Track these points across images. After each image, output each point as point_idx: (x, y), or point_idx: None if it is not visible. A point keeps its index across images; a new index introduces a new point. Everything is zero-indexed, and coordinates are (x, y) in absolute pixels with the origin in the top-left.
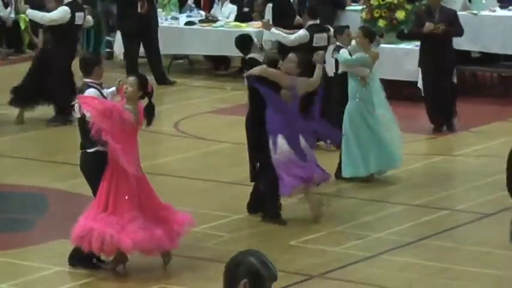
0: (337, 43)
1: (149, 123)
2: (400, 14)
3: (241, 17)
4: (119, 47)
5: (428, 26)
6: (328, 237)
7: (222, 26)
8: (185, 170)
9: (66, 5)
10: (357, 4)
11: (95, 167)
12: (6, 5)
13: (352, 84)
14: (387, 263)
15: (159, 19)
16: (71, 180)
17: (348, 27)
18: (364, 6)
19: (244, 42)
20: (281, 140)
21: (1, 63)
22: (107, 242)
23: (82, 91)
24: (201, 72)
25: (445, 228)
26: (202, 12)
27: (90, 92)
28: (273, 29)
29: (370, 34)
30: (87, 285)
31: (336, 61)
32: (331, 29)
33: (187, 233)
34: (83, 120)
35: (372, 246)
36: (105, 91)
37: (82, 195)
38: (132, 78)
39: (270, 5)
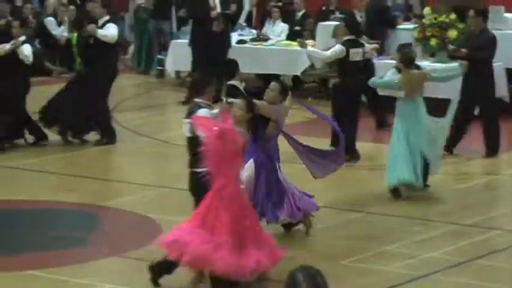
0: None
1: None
2: (452, 33)
3: (292, 36)
4: (171, 65)
5: (451, 49)
6: (378, 257)
7: (273, 44)
8: None
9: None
10: (408, 23)
11: (203, 186)
12: (59, 24)
13: (397, 102)
14: (440, 283)
15: None
16: (121, 198)
17: (406, 45)
18: (417, 25)
19: (231, 66)
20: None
21: (54, 81)
22: (198, 258)
23: (193, 111)
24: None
25: (498, 248)
26: (254, 31)
27: (203, 112)
28: (309, 47)
29: (404, 59)
30: None
31: None
32: (366, 45)
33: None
34: (194, 140)
35: (424, 266)
36: (213, 112)
37: (133, 212)
38: (240, 101)
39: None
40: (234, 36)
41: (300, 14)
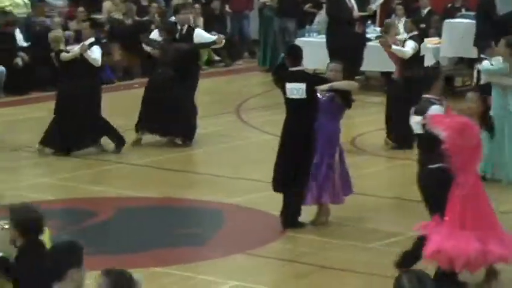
0: (481, 55)
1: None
2: None
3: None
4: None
5: None
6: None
7: None
8: (365, 187)
9: None
10: None
11: (438, 183)
12: None
13: (493, 94)
14: None
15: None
16: (246, 196)
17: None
18: None
19: (297, 52)
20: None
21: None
22: (472, 258)
23: (424, 108)
24: (376, 89)
25: None
26: (378, 29)
27: (436, 109)
28: (393, 46)
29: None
30: None
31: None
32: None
33: None
34: (429, 138)
35: None
36: (443, 107)
37: (258, 210)
38: (473, 94)
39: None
40: None
41: (425, 11)
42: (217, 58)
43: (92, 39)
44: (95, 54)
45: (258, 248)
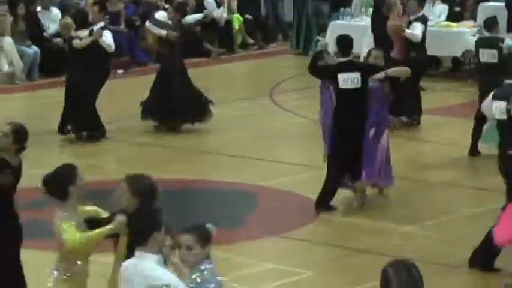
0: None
1: None
2: None
3: (452, 17)
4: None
5: None
6: None
7: (433, 25)
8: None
9: None
10: None
11: None
12: (219, 5)
13: None
14: None
15: (368, 18)
16: (279, 178)
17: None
18: None
19: (348, 42)
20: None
21: (214, 63)
22: None
23: (507, 94)
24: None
25: None
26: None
27: None
28: (407, 30)
29: None
30: (300, 282)
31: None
32: None
33: None
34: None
35: None
36: None
37: (292, 193)
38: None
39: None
40: None
41: None
42: (251, 41)
43: (102, 24)
44: (108, 39)
45: (291, 231)
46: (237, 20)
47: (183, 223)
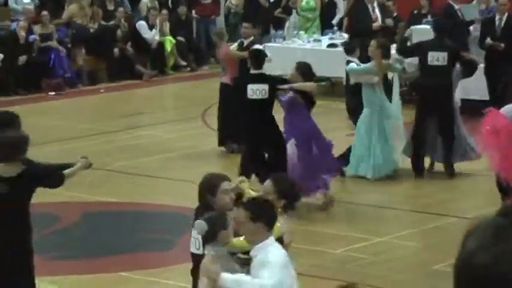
0: (347, 58)
1: None
2: None
3: None
4: None
5: None
6: None
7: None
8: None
9: None
10: None
11: None
12: (151, 27)
13: (364, 93)
14: None
15: (300, 41)
16: None
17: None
18: None
19: (260, 55)
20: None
21: (145, 85)
22: None
23: None
24: (342, 95)
25: None
26: (345, 35)
27: None
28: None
29: (383, 47)
30: None
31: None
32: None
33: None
34: None
35: None
36: None
37: None
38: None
39: None
40: (324, 40)
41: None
42: (183, 63)
43: None
44: None
45: None
46: (169, 42)
47: (114, 247)
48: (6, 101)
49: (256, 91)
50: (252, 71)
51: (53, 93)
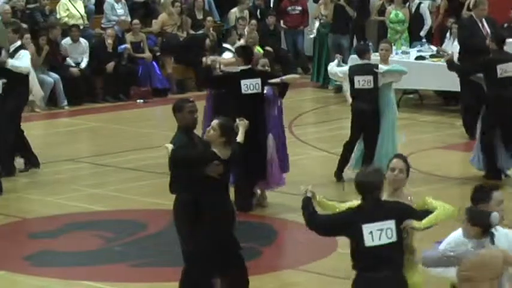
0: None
1: None
2: None
3: None
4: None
5: None
6: None
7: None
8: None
9: None
10: None
11: None
12: (239, 37)
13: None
14: None
15: None
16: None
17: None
18: None
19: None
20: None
21: None
22: None
23: None
24: (430, 107)
25: None
26: (433, 47)
27: None
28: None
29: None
30: None
31: None
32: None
33: None
34: None
35: None
36: None
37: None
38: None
39: None
40: (413, 52)
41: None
42: None
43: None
44: (21, 61)
45: (311, 264)
46: (257, 51)
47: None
48: (95, 108)
49: (250, 86)
50: (242, 67)
51: (141, 101)
